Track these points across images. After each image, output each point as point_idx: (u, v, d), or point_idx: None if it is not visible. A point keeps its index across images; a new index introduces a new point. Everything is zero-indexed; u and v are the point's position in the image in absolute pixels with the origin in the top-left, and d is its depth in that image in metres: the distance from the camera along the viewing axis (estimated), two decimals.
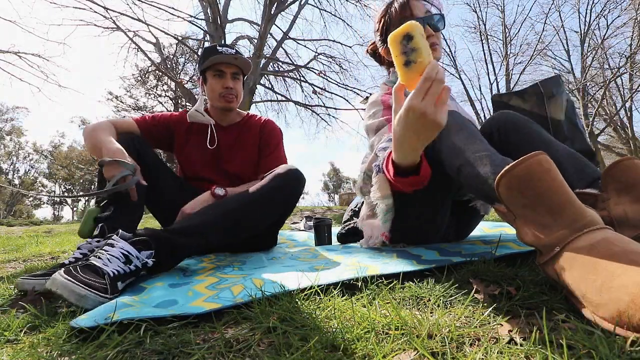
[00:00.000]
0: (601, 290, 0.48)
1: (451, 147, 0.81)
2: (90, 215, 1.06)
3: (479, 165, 0.73)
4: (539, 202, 0.59)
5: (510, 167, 0.62)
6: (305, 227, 2.67)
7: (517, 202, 0.62)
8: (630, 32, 11.00)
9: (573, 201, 0.59)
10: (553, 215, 0.58)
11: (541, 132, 0.97)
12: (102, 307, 0.60)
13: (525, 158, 0.61)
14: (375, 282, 0.76)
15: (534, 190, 0.59)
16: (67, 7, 6.66)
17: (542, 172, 0.60)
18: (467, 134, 0.81)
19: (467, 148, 0.77)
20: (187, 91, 8.06)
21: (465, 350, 0.45)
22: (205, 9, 7.87)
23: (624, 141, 13.60)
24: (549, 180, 0.59)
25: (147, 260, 0.82)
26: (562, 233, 0.57)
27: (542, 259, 0.61)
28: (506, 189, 0.63)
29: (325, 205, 10.36)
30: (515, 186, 0.61)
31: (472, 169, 0.74)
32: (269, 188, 1.09)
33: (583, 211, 0.58)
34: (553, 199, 0.59)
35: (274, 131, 1.50)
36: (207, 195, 1.21)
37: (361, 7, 8.82)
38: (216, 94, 1.40)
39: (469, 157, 0.76)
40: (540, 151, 0.62)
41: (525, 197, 0.61)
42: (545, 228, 0.59)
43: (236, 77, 1.42)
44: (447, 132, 0.84)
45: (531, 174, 0.60)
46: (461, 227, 1.24)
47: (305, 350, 0.45)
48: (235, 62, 1.39)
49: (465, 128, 0.83)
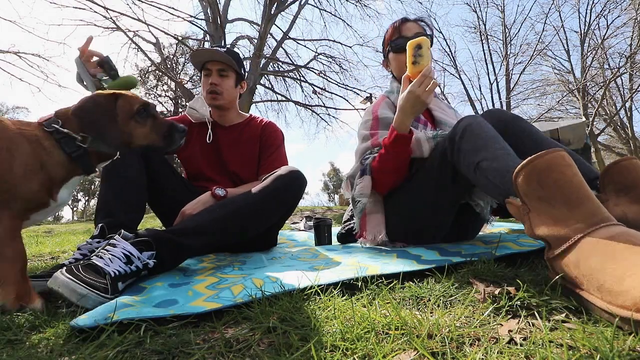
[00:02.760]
0: (623, 278, 0.48)
1: (473, 145, 0.87)
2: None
3: (499, 160, 0.77)
4: (558, 195, 0.60)
5: (532, 158, 0.63)
6: (305, 227, 2.67)
7: (535, 194, 0.63)
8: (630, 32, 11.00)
9: (592, 197, 0.60)
10: (570, 209, 0.59)
11: (532, 130, 0.98)
12: (102, 307, 0.60)
13: (547, 151, 0.62)
14: (375, 282, 0.76)
15: (555, 183, 0.60)
16: (67, 7, 6.67)
17: (564, 166, 0.61)
18: (490, 136, 0.87)
19: (489, 145, 0.83)
20: (187, 91, 8.07)
21: (465, 350, 0.45)
22: (205, 9, 7.87)
23: (624, 141, 13.61)
24: (569, 174, 0.60)
25: (149, 260, 0.82)
26: (579, 226, 0.57)
27: (552, 253, 0.61)
28: (525, 180, 0.63)
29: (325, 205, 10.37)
30: (535, 177, 0.62)
31: (491, 163, 0.78)
32: (271, 189, 1.09)
33: (600, 207, 0.59)
34: (572, 193, 0.59)
35: (275, 133, 1.50)
36: (208, 196, 1.21)
37: (361, 7, 8.84)
38: (205, 92, 1.41)
39: (490, 153, 0.81)
40: (560, 148, 0.63)
41: (544, 189, 0.61)
42: (560, 221, 0.60)
43: (223, 74, 1.42)
44: (470, 133, 0.90)
45: (552, 166, 0.61)
46: (461, 230, 1.24)
47: (305, 350, 0.45)
48: (219, 57, 1.38)
49: (488, 130, 0.90)
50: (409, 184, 1.16)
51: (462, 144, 0.92)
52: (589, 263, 0.53)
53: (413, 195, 1.13)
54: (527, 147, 0.95)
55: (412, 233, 1.18)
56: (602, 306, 0.49)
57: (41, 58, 8.69)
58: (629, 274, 0.47)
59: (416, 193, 1.12)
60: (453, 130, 0.98)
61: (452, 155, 0.97)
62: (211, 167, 1.43)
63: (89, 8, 6.60)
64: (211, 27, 7.46)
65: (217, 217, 1.00)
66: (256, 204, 1.06)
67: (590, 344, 0.41)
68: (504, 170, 0.74)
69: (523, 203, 0.65)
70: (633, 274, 0.47)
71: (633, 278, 0.47)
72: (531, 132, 0.97)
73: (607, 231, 0.55)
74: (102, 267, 0.73)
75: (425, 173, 1.10)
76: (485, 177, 0.80)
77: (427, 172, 1.09)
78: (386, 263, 0.90)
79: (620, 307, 0.46)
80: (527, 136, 0.97)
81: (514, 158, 0.77)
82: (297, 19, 8.68)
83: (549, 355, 0.39)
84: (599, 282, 0.51)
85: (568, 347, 0.42)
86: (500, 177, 0.75)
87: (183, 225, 0.96)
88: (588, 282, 0.53)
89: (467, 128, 0.93)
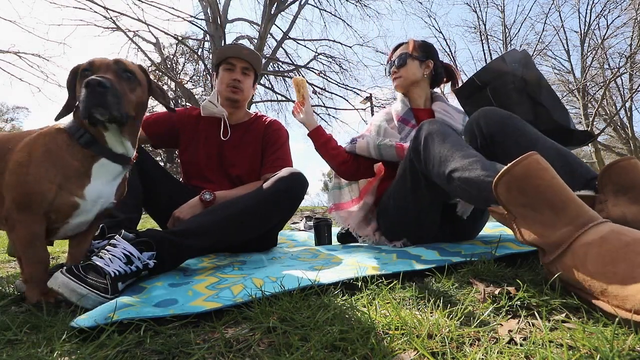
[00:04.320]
0: (625, 281, 0.47)
1: (437, 156, 0.88)
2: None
3: (470, 169, 0.77)
4: (540, 201, 0.59)
5: (508, 168, 0.62)
6: (305, 227, 2.67)
7: (517, 201, 0.62)
8: (630, 32, 10.99)
9: (574, 198, 0.59)
10: (556, 213, 0.58)
11: (527, 129, 0.97)
12: (102, 307, 0.60)
13: (521, 158, 0.61)
14: (375, 282, 0.76)
15: (536, 189, 0.60)
16: (67, 7, 6.67)
17: (541, 170, 0.60)
18: (452, 142, 0.87)
19: (454, 155, 0.83)
20: (187, 91, 8.06)
21: (465, 350, 0.45)
22: (205, 9, 7.88)
23: (624, 141, 13.60)
24: (548, 178, 0.60)
25: (149, 261, 0.82)
26: (567, 230, 0.57)
27: (548, 258, 0.60)
28: (505, 190, 0.63)
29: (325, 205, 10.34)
30: (514, 186, 0.62)
31: (462, 174, 0.78)
32: (272, 191, 1.09)
33: (584, 207, 0.58)
34: (554, 197, 0.59)
35: (279, 131, 1.49)
36: (196, 200, 1.22)
37: (361, 7, 8.84)
38: (224, 84, 1.41)
39: (457, 164, 0.81)
40: (534, 151, 0.63)
41: (526, 196, 0.61)
42: (548, 226, 0.59)
43: (246, 73, 1.43)
44: (431, 142, 0.91)
45: (530, 172, 0.60)
46: (461, 231, 1.25)
47: (305, 350, 0.45)
48: (246, 56, 1.41)
49: (449, 135, 0.90)
50: (390, 188, 1.21)
51: (427, 154, 0.93)
52: (588, 268, 0.53)
53: (395, 197, 1.18)
54: (522, 147, 0.95)
55: (402, 234, 1.20)
56: (610, 311, 0.48)
57: (41, 58, 8.67)
58: (630, 276, 0.47)
59: (398, 195, 1.16)
60: (414, 140, 1.00)
61: (420, 166, 0.99)
62: (213, 167, 1.43)
63: (89, 8, 6.61)
64: (211, 27, 7.46)
65: (218, 219, 1.00)
66: (257, 205, 1.06)
67: (590, 344, 0.41)
68: (479, 180, 0.73)
69: (507, 211, 0.65)
70: (635, 276, 0.47)
71: (636, 281, 0.46)
72: (526, 132, 0.97)
73: (597, 231, 0.55)
74: (102, 267, 0.73)
75: (401, 180, 1.13)
76: (460, 187, 0.80)
77: (402, 179, 1.12)
78: (386, 263, 0.90)
79: (628, 312, 0.46)
80: (521, 135, 0.96)
81: (483, 164, 0.76)
82: (297, 19, 8.69)
83: (549, 355, 0.39)
84: (602, 287, 0.50)
85: (568, 347, 0.42)
86: (476, 188, 0.74)
87: (184, 226, 0.96)
88: (590, 287, 0.52)
89: (427, 137, 0.94)
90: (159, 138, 1.43)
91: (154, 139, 1.43)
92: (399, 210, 1.17)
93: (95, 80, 0.72)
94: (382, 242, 1.30)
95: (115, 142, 0.82)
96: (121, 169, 0.85)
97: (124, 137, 0.83)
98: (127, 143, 0.84)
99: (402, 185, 1.12)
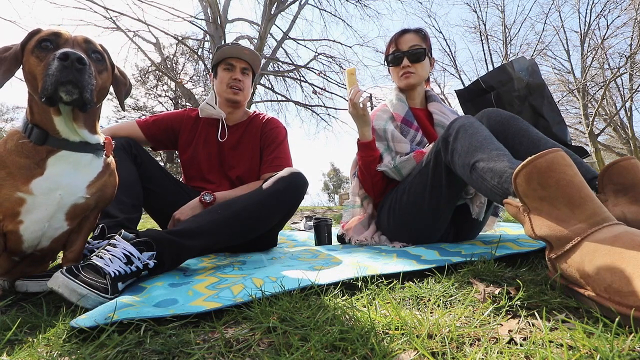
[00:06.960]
0: (632, 279, 0.48)
1: (467, 145, 0.88)
2: None
3: (496, 161, 0.78)
4: (559, 195, 0.60)
5: (532, 159, 0.63)
6: (305, 227, 2.67)
7: (535, 194, 0.63)
8: (630, 32, 11.00)
9: (593, 197, 0.59)
10: (572, 209, 0.59)
11: (529, 129, 0.98)
12: (102, 307, 0.60)
13: (548, 151, 0.62)
14: (375, 282, 0.76)
15: (557, 183, 0.60)
16: (67, 7, 6.66)
17: (565, 165, 0.61)
18: (484, 136, 0.88)
19: (484, 146, 0.84)
20: (187, 91, 8.06)
21: (465, 350, 0.45)
22: (205, 9, 7.87)
23: (624, 141, 13.61)
24: (571, 174, 0.60)
25: (149, 261, 0.82)
26: (581, 226, 0.57)
27: (555, 253, 0.61)
28: (525, 181, 0.63)
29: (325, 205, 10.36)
30: (535, 177, 0.62)
31: (487, 164, 0.79)
32: (272, 191, 1.09)
33: (602, 207, 0.59)
34: (574, 193, 0.59)
35: (277, 129, 1.49)
36: (196, 201, 1.22)
37: (361, 7, 8.83)
38: (224, 85, 1.41)
39: (485, 154, 0.82)
40: (558, 147, 0.64)
41: (545, 189, 0.61)
42: (561, 221, 0.59)
43: (245, 72, 1.43)
44: (463, 133, 0.91)
45: (554, 166, 0.61)
46: (462, 230, 1.25)
47: (305, 350, 0.45)
48: (245, 56, 1.40)
49: (482, 131, 0.90)
50: (405, 185, 1.18)
51: (456, 145, 0.93)
52: (595, 263, 0.53)
53: (409, 197, 1.15)
54: (524, 147, 0.95)
55: (409, 234, 1.19)
56: (610, 307, 0.49)
57: None
58: (638, 274, 0.47)
59: (415, 190, 1.14)
60: (447, 131, 0.99)
61: (445, 156, 0.99)
62: (213, 167, 1.43)
63: (89, 8, 6.59)
64: (211, 27, 7.45)
65: (218, 219, 1.00)
66: (257, 205, 1.06)
67: (590, 344, 0.41)
68: (501, 170, 0.74)
69: (523, 203, 0.65)
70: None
71: None
72: (529, 132, 0.97)
73: (610, 231, 0.55)
74: (102, 267, 0.73)
75: (420, 176, 1.12)
76: (482, 177, 0.80)
77: (421, 174, 1.11)
78: (386, 263, 0.90)
79: (629, 308, 0.46)
80: (524, 136, 0.97)
81: (510, 158, 0.77)
82: (297, 19, 8.68)
83: (549, 355, 0.39)
84: (607, 282, 0.50)
85: (568, 347, 0.42)
86: (497, 178, 0.75)
87: (184, 227, 0.96)
88: (594, 283, 0.52)
89: (460, 129, 0.93)
90: (158, 140, 1.43)
91: (153, 141, 1.43)
92: (413, 207, 1.14)
93: (76, 55, 0.63)
94: (382, 242, 1.30)
95: (68, 130, 0.75)
96: (91, 157, 0.78)
97: (78, 124, 0.75)
98: (82, 131, 0.76)
99: (421, 181, 1.11)
